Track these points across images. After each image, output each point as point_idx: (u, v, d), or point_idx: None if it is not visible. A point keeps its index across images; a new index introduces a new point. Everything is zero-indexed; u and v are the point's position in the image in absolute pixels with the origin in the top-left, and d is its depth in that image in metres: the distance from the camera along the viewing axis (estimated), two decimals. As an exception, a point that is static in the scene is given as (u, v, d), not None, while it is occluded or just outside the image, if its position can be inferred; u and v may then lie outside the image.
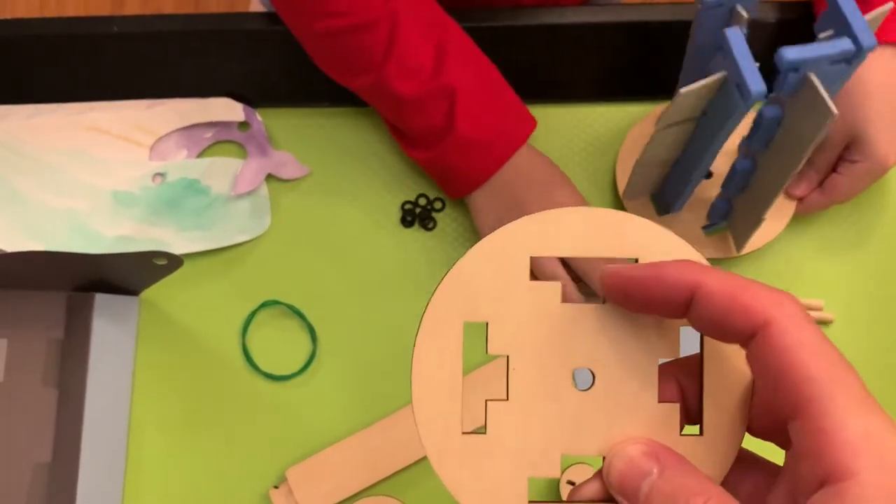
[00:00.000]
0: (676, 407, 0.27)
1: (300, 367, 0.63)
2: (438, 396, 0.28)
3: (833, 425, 0.22)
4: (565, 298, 0.28)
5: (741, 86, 0.46)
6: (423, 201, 0.65)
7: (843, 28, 0.46)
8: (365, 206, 0.65)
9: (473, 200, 0.62)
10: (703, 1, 0.49)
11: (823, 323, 0.63)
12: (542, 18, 0.65)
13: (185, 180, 0.64)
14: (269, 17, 0.66)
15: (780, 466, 0.26)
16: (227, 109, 0.65)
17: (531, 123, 0.62)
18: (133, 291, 0.63)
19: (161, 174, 0.65)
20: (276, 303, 0.63)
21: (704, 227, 0.61)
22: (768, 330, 0.23)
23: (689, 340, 0.28)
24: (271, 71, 0.67)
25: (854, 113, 0.57)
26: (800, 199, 0.62)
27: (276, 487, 0.60)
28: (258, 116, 0.66)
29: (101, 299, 0.61)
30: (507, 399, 0.27)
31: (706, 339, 0.27)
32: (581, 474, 0.58)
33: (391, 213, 0.65)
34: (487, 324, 0.28)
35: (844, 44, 0.46)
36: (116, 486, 0.61)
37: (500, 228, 0.28)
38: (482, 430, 0.27)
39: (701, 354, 0.27)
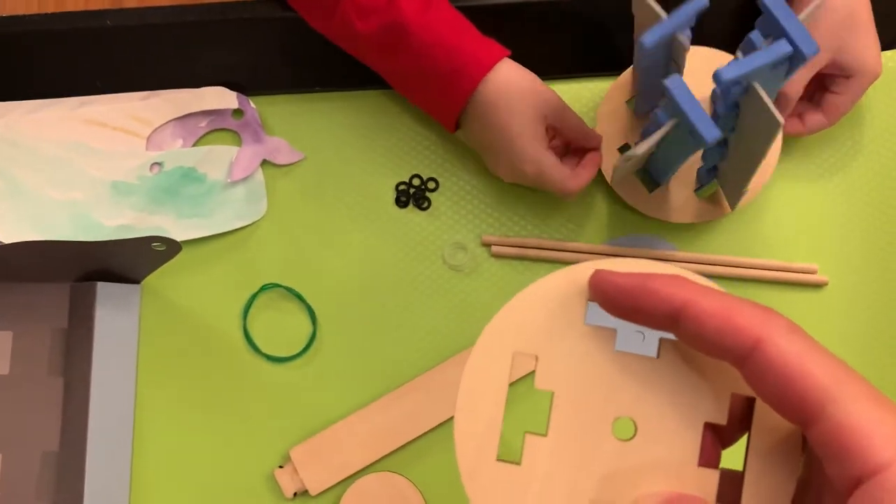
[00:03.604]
0: (716, 474, 0.27)
1: (301, 348, 0.63)
2: (479, 419, 0.28)
3: (854, 423, 0.22)
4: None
5: (694, 133, 0.46)
6: (416, 182, 0.66)
7: (779, 34, 0.45)
8: (359, 188, 0.66)
9: (465, 133, 0.63)
10: (644, 47, 0.48)
11: (818, 286, 0.63)
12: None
13: (181, 169, 0.65)
14: (259, 5, 0.66)
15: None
16: (220, 98, 0.66)
17: (499, 51, 0.59)
18: (134, 280, 0.64)
19: (158, 164, 0.66)
20: (275, 286, 0.64)
21: (696, 190, 0.62)
22: (764, 346, 0.23)
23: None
24: (263, 58, 0.68)
25: (833, 33, 0.57)
26: (792, 133, 0.63)
27: (280, 467, 0.61)
28: (251, 104, 0.66)
29: (103, 288, 0.62)
30: (546, 435, 0.28)
31: (759, 414, 0.26)
32: None
33: (386, 195, 0.66)
34: (537, 358, 0.28)
35: (781, 48, 0.44)
36: (124, 471, 0.62)
37: (565, 269, 0.28)
38: (517, 461, 0.28)
39: (749, 431, 0.27)
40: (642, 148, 0.50)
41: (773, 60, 0.44)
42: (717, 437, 0.28)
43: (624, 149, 0.63)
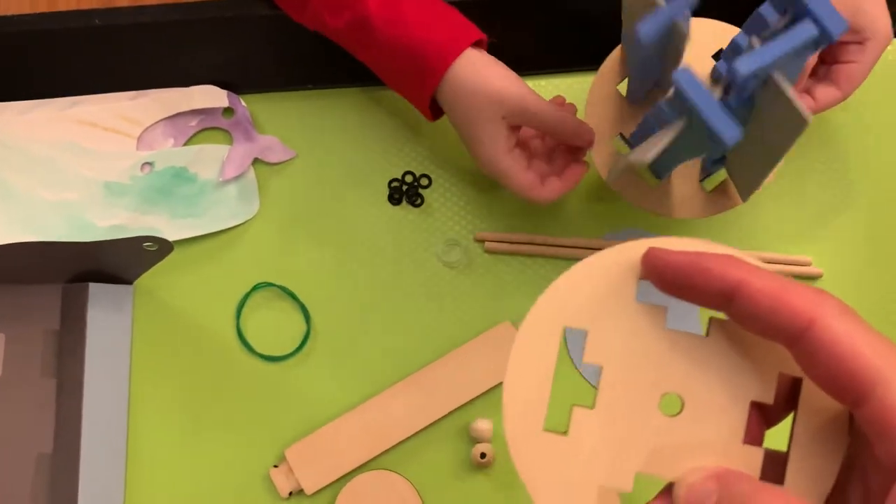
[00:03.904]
0: (761, 452, 0.27)
1: (295, 347, 0.63)
2: (528, 390, 0.28)
3: None
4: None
5: (712, 135, 0.40)
6: (409, 178, 0.66)
7: (800, 12, 0.38)
8: (352, 186, 0.66)
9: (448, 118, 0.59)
10: (641, 39, 0.42)
11: (812, 278, 0.63)
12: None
13: (172, 169, 0.65)
14: (247, 3, 0.66)
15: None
16: (210, 97, 0.66)
17: (464, 42, 0.56)
18: (127, 280, 0.64)
19: (149, 163, 0.65)
20: (268, 285, 0.64)
21: (702, 180, 0.58)
22: (816, 326, 0.23)
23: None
24: (253, 56, 0.67)
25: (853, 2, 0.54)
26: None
27: (276, 467, 0.60)
28: (242, 102, 0.66)
29: (95, 289, 0.62)
30: (594, 408, 0.28)
31: (806, 394, 0.27)
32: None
33: (378, 192, 0.66)
34: (587, 332, 0.28)
35: (805, 30, 0.37)
36: (118, 472, 0.61)
37: (618, 246, 0.29)
38: (563, 432, 0.28)
39: (795, 412, 0.27)
40: (648, 154, 0.43)
41: (796, 47, 0.37)
42: (761, 417, 0.29)
43: (622, 147, 0.59)
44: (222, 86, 0.66)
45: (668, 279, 0.27)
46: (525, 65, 0.60)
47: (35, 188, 0.65)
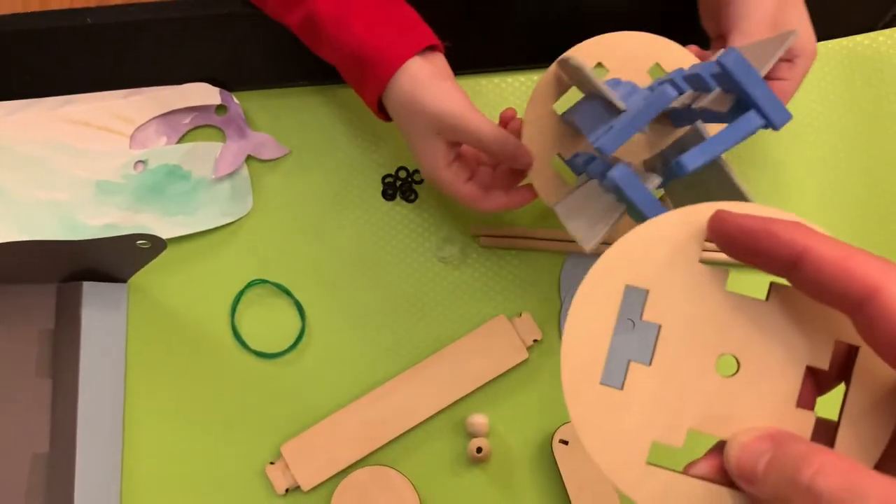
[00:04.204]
0: (812, 416, 0.28)
1: (290, 344, 0.63)
2: (586, 343, 0.29)
3: None
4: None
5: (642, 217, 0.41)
6: (403, 174, 0.66)
7: (745, 101, 0.38)
8: (346, 182, 0.66)
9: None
10: (605, 152, 0.42)
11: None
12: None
13: (166, 166, 0.65)
14: (239, 1, 0.66)
15: None
16: (203, 94, 0.66)
17: (408, 49, 0.54)
18: (121, 279, 0.64)
19: (143, 161, 0.65)
20: (262, 282, 0.64)
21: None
22: (881, 296, 0.23)
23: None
24: (245, 53, 0.67)
25: (771, 16, 0.53)
26: None
27: (272, 464, 0.60)
28: (235, 99, 0.66)
29: (89, 288, 0.62)
30: (650, 364, 0.28)
31: (861, 363, 0.27)
32: (571, 433, 0.59)
33: (372, 188, 0.66)
34: (647, 291, 0.29)
35: (752, 122, 0.38)
36: (114, 471, 0.61)
37: (683, 209, 0.29)
38: (619, 386, 0.28)
39: (847, 381, 0.27)
40: (594, 241, 0.44)
41: (742, 137, 0.39)
42: (814, 383, 0.29)
43: (561, 167, 0.56)
44: (215, 83, 0.66)
45: (735, 242, 0.27)
46: (481, 63, 0.59)
47: (27, 188, 0.65)
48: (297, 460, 0.60)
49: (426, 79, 0.54)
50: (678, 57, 0.54)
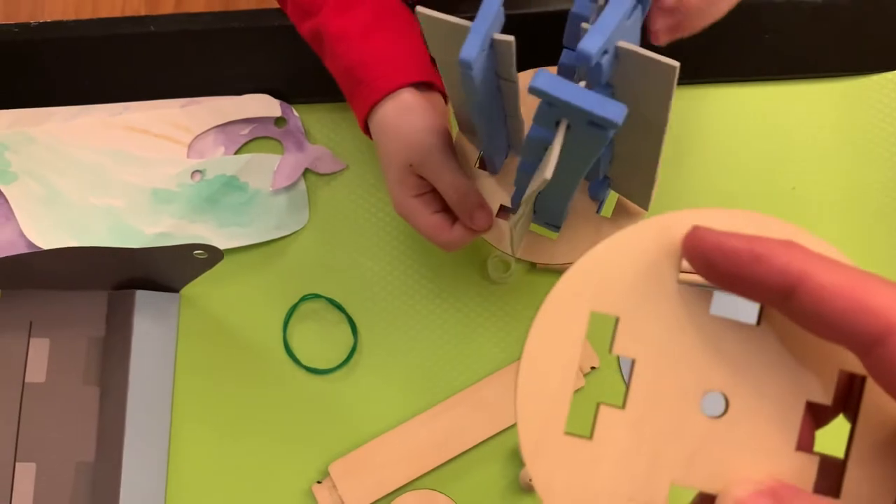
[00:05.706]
0: (815, 460, 0.24)
1: (341, 360, 0.62)
2: (546, 386, 0.24)
3: None
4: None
5: (599, 122, 0.36)
6: (460, 193, 0.65)
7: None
8: (402, 199, 0.65)
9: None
10: (472, 75, 0.39)
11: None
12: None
13: (223, 177, 0.64)
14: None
15: None
16: (263, 106, 0.65)
17: (401, 77, 0.54)
18: (173, 288, 0.63)
19: (199, 171, 0.65)
20: (316, 296, 0.63)
21: (598, 211, 0.55)
22: None
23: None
24: (306, 66, 0.67)
25: None
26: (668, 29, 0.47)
27: (319, 482, 0.59)
28: (294, 112, 0.66)
29: (141, 296, 0.61)
30: (624, 407, 0.24)
31: (869, 401, 0.23)
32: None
33: (429, 206, 0.65)
34: (618, 319, 0.24)
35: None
36: (159, 483, 0.60)
37: (656, 217, 0.24)
38: (587, 436, 0.24)
39: (855, 417, 0.24)
40: (547, 170, 0.37)
41: (626, 10, 0.36)
42: (812, 417, 0.25)
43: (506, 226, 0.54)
44: (274, 95, 0.66)
45: (715, 266, 0.22)
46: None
47: (82, 194, 0.65)
48: (345, 480, 0.59)
49: (414, 110, 0.53)
50: None
